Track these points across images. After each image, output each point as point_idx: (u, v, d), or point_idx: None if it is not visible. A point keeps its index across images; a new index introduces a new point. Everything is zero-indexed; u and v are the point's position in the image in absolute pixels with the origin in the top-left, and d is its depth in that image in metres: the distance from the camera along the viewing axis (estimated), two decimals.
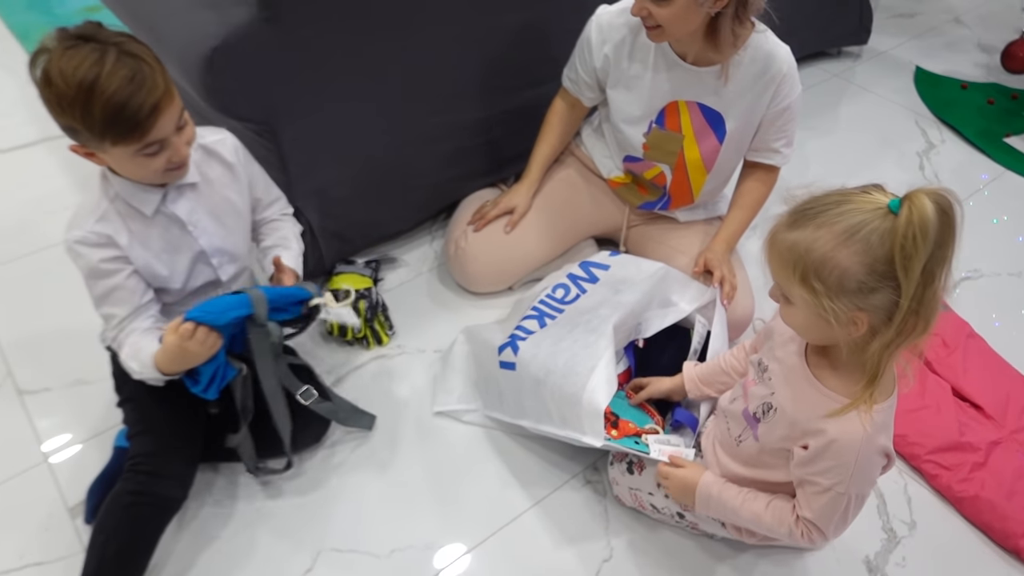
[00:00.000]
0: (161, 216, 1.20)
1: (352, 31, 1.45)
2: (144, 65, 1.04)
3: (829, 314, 0.91)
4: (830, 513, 1.04)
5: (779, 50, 1.43)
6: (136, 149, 1.07)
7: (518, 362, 1.38)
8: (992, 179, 2.20)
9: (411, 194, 1.77)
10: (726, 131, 1.49)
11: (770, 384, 1.11)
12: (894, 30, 2.84)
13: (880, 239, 0.87)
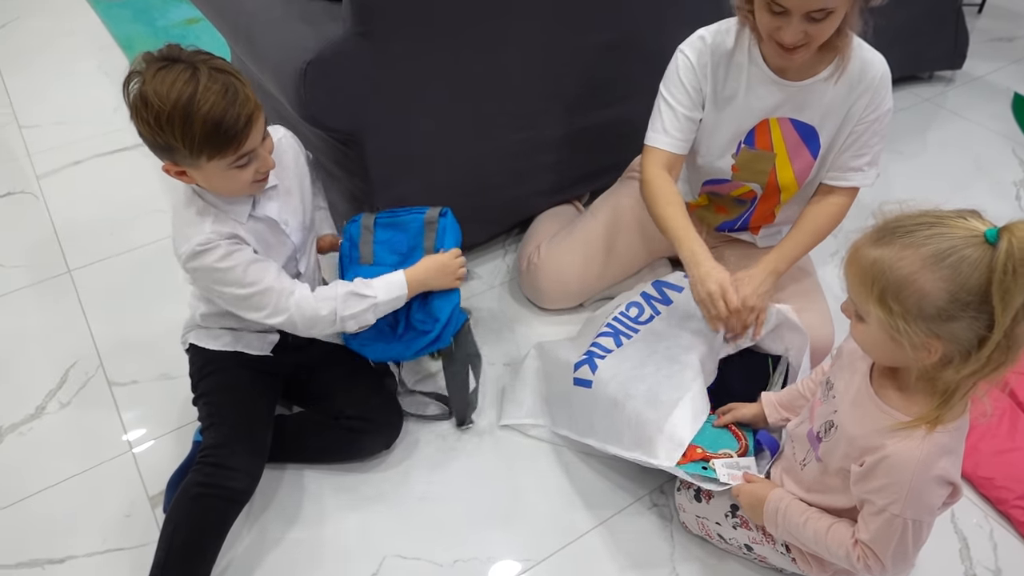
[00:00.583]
0: (253, 220, 1.25)
1: (441, 48, 1.48)
2: (234, 80, 1.09)
3: (903, 336, 0.89)
4: (885, 537, 1.00)
5: (875, 57, 1.38)
6: (230, 162, 1.12)
7: (595, 380, 1.37)
8: None
9: (487, 208, 1.79)
10: (820, 145, 1.44)
11: (834, 403, 1.09)
12: (991, 54, 2.73)
13: (971, 268, 0.84)
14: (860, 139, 1.41)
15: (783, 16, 1.22)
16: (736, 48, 1.39)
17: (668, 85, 1.46)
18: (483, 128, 1.66)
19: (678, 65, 1.43)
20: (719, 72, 1.42)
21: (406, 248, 1.47)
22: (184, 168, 1.15)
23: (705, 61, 1.41)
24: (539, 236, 1.81)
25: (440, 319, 1.39)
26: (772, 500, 1.14)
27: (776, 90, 1.40)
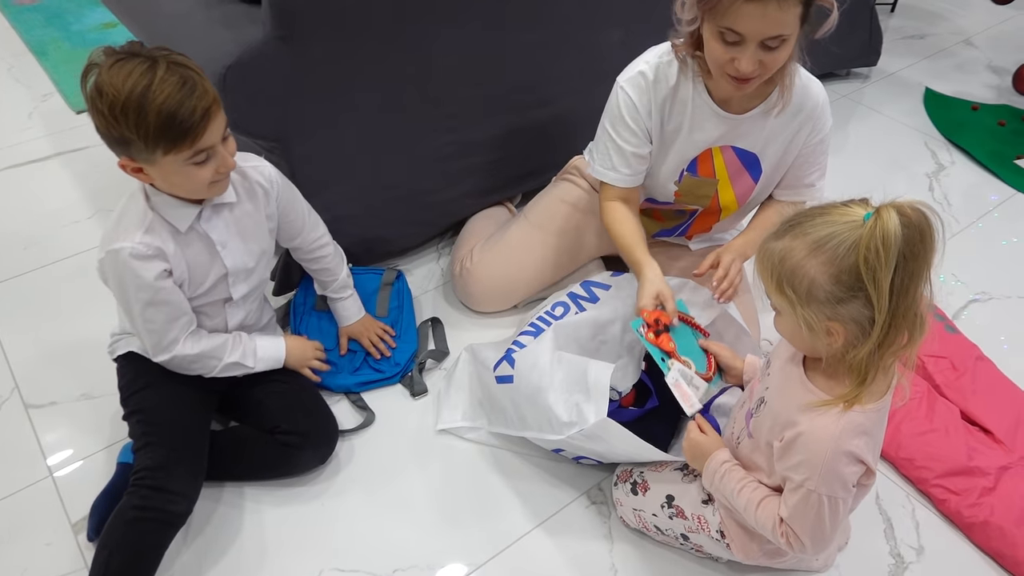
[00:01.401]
0: (193, 233, 1.23)
1: (365, 51, 1.47)
2: (192, 73, 1.08)
3: (802, 322, 0.94)
4: (803, 513, 1.03)
5: (812, 83, 1.39)
6: (187, 157, 1.10)
7: (515, 374, 1.37)
8: (1002, 201, 2.19)
9: (419, 212, 1.78)
10: (762, 171, 1.46)
11: (767, 380, 1.13)
12: (904, 51, 2.85)
13: (846, 251, 0.89)
14: (808, 160, 1.45)
15: (737, 46, 1.19)
16: (680, 83, 1.37)
17: (614, 124, 1.43)
18: (412, 130, 1.64)
19: (620, 104, 1.40)
20: (664, 108, 1.40)
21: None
22: (140, 164, 1.12)
23: (648, 99, 1.39)
24: (472, 239, 1.80)
25: (400, 363, 1.57)
26: (716, 459, 1.16)
27: (719, 122, 1.40)
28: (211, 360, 1.31)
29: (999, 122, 2.46)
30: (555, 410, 1.28)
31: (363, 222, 1.68)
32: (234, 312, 1.36)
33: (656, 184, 1.51)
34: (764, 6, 1.13)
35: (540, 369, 1.33)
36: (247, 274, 1.33)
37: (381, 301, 1.68)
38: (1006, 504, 1.38)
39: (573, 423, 1.26)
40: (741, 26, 1.17)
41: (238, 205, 1.28)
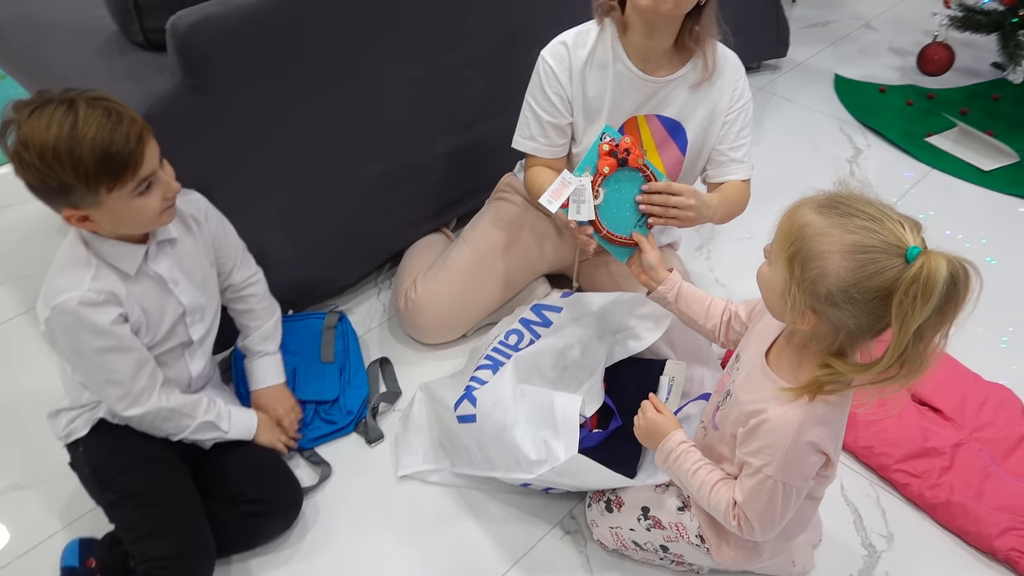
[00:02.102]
0: (142, 276, 1.18)
1: (284, 90, 1.41)
2: (115, 104, 1.04)
3: (789, 297, 0.95)
4: (756, 498, 1.05)
5: (727, 52, 1.44)
6: (132, 189, 1.06)
7: (478, 412, 1.34)
8: (919, 178, 2.26)
9: (356, 247, 1.72)
10: (687, 140, 1.47)
11: (735, 374, 1.14)
12: (809, 40, 2.92)
13: (875, 273, 0.88)
14: (732, 130, 1.46)
15: None
16: (598, 47, 1.41)
17: (533, 93, 1.47)
18: (342, 164, 1.59)
19: (540, 73, 1.44)
20: (584, 74, 1.43)
21: (300, 348, 1.57)
22: (86, 210, 1.07)
23: (567, 66, 1.42)
24: (413, 270, 1.75)
25: (353, 411, 1.52)
26: (672, 439, 1.16)
27: (641, 85, 1.42)
28: (184, 418, 1.25)
29: (907, 102, 2.55)
30: (523, 448, 1.25)
31: (298, 265, 1.62)
32: (195, 359, 1.30)
33: None
34: None
35: (503, 406, 1.29)
36: (202, 312, 1.28)
37: (326, 345, 1.61)
38: (964, 481, 1.41)
39: (543, 461, 1.23)
40: None
41: (179, 241, 1.23)
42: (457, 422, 1.36)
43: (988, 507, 1.38)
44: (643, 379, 1.47)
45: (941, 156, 2.33)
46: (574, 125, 1.49)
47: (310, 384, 1.55)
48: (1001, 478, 1.42)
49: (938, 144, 2.37)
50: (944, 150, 2.35)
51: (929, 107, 2.53)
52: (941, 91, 2.60)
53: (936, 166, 2.30)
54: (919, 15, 3.07)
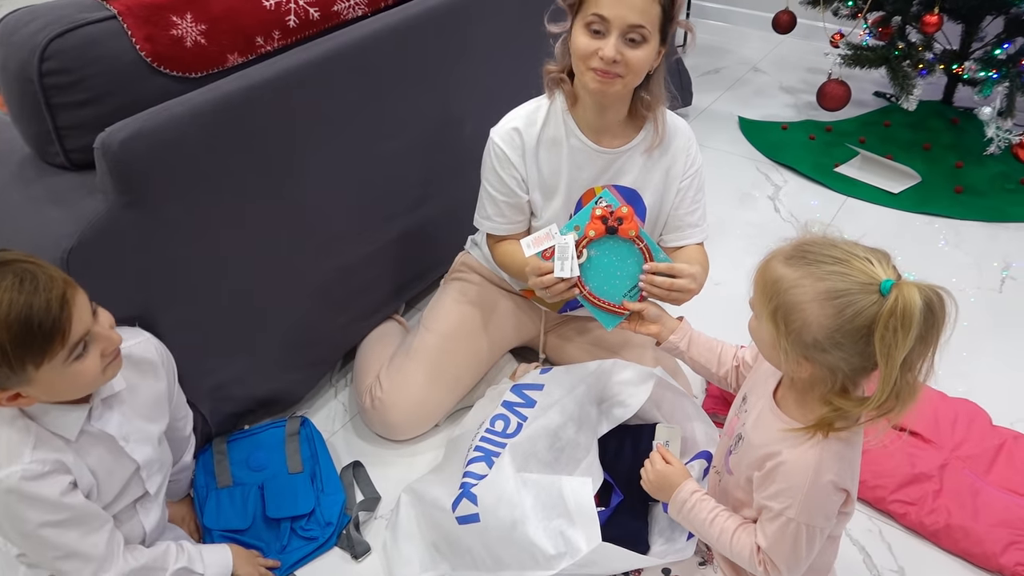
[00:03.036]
0: (87, 437, 1.04)
1: (226, 200, 1.32)
2: (25, 265, 0.90)
3: (781, 349, 0.96)
4: (780, 541, 1.03)
5: (679, 121, 1.46)
6: (64, 358, 0.92)
7: (481, 510, 1.26)
8: (839, 207, 2.37)
9: (310, 352, 1.62)
10: (645, 207, 1.47)
11: (744, 416, 1.12)
12: (707, 87, 3.05)
13: (854, 314, 0.90)
14: (687, 195, 1.47)
15: (602, 37, 1.25)
16: (550, 123, 1.40)
17: (487, 176, 1.46)
18: (290, 269, 1.50)
19: (492, 156, 1.43)
20: (538, 154, 1.42)
21: (264, 464, 1.48)
22: (15, 389, 0.93)
23: (519, 147, 1.41)
24: (373, 365, 1.66)
25: (332, 521, 1.39)
26: (685, 488, 1.14)
27: (596, 158, 1.42)
28: (156, 572, 1.12)
29: (809, 136, 2.69)
30: (538, 543, 1.18)
31: (252, 380, 1.50)
32: (149, 512, 1.17)
33: None
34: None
35: (509, 500, 1.22)
36: (160, 463, 1.16)
37: (291, 454, 1.50)
38: (957, 502, 1.44)
39: (562, 554, 1.16)
40: (606, 9, 1.23)
41: (129, 392, 1.10)
42: (457, 524, 1.28)
43: (986, 525, 1.40)
44: (636, 447, 1.43)
45: (852, 184, 2.45)
46: (532, 202, 1.47)
47: (282, 500, 1.42)
48: (990, 493, 1.46)
49: (847, 173, 2.50)
50: (853, 178, 2.47)
51: (830, 139, 2.68)
52: (837, 123, 2.76)
53: (849, 193, 2.42)
54: (799, 55, 3.28)
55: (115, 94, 1.21)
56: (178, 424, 1.30)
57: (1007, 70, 2.25)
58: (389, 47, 1.51)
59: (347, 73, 1.45)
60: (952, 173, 2.46)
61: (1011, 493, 1.46)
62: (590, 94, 1.33)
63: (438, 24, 1.60)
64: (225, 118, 1.26)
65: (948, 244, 2.20)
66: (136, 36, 1.20)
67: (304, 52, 1.37)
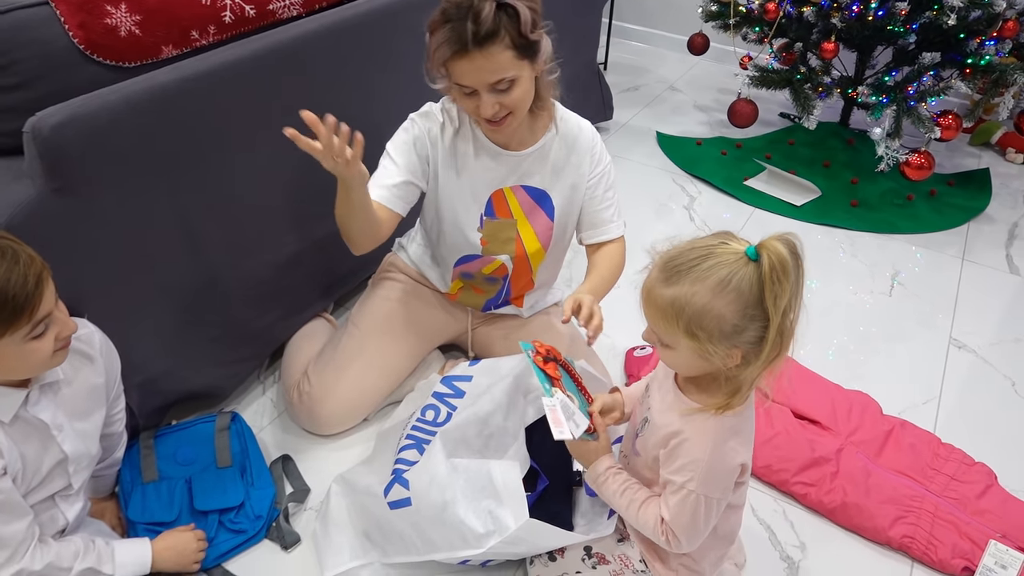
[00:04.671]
0: (20, 422, 1.04)
1: (155, 189, 1.32)
2: (6, 240, 0.95)
3: (711, 355, 1.02)
4: (680, 513, 1.11)
5: (582, 122, 1.53)
6: (25, 333, 0.96)
7: (412, 494, 1.29)
8: (748, 217, 2.52)
9: (240, 347, 1.62)
10: (554, 206, 1.53)
11: (648, 401, 1.20)
12: (627, 103, 3.19)
13: (749, 286, 0.98)
14: (597, 193, 1.54)
15: (474, 96, 1.32)
16: (463, 126, 1.46)
17: (395, 145, 1.47)
18: (219, 262, 1.51)
19: (406, 129, 1.47)
20: (450, 143, 1.47)
21: (192, 458, 1.47)
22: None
23: (435, 133, 1.46)
24: (301, 361, 1.68)
25: (262, 514, 1.40)
26: (601, 463, 1.20)
27: (504, 159, 1.48)
28: (57, 572, 1.09)
29: (721, 152, 2.85)
30: (468, 523, 1.22)
31: (181, 374, 1.50)
32: (69, 505, 1.15)
33: (461, 235, 1.54)
34: (471, 59, 1.27)
35: (439, 483, 1.26)
36: (89, 459, 1.15)
37: (221, 450, 1.49)
38: (852, 482, 1.56)
39: (491, 532, 1.21)
40: (465, 80, 1.30)
41: (66, 383, 1.10)
42: (389, 509, 1.31)
43: (876, 503, 1.53)
44: None
45: (759, 196, 2.62)
46: (439, 196, 1.51)
47: (210, 493, 1.42)
48: (880, 474, 1.59)
49: (755, 186, 2.66)
50: (761, 191, 2.64)
51: (740, 155, 2.84)
52: (747, 140, 2.93)
53: (757, 205, 2.58)
54: (712, 76, 3.47)
55: (45, 80, 1.21)
56: (112, 420, 1.29)
57: (895, 95, 2.45)
58: (322, 48, 1.54)
59: (281, 71, 1.47)
60: (848, 188, 2.65)
61: (898, 474, 1.59)
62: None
63: (370, 28, 1.65)
64: (158, 108, 1.27)
65: (845, 254, 2.37)
66: (69, 23, 1.20)
67: (239, 48, 1.39)
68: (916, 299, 2.18)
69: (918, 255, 2.38)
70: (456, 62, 1.28)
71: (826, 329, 2.04)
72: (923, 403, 1.82)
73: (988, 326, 2.09)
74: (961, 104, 2.79)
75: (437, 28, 1.28)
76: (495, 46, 1.26)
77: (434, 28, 1.29)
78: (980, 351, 2.00)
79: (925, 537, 1.47)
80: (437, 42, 1.28)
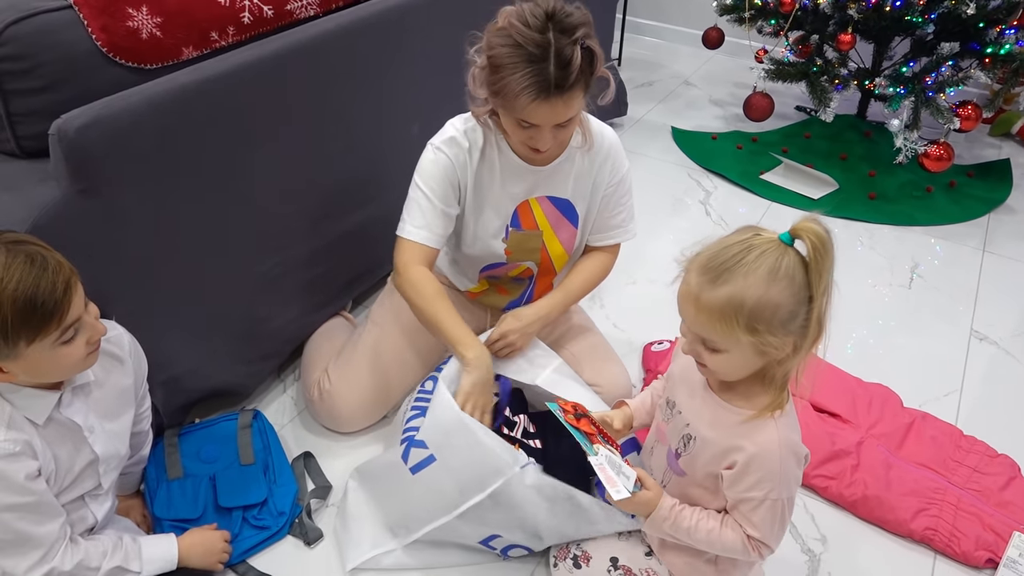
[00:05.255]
0: (53, 424, 1.06)
1: (173, 189, 1.34)
2: (37, 247, 0.95)
3: (770, 347, 1.00)
4: (769, 523, 1.10)
5: (604, 129, 1.51)
6: (54, 339, 0.96)
7: (432, 449, 1.29)
8: (764, 211, 2.51)
9: (261, 345, 1.64)
10: (578, 215, 1.54)
11: (681, 418, 1.17)
12: (641, 99, 3.19)
13: (795, 269, 0.97)
14: (612, 200, 1.54)
15: (533, 128, 1.29)
16: (486, 143, 1.44)
17: (426, 179, 1.43)
18: (240, 261, 1.53)
19: (435, 161, 1.43)
20: (478, 167, 1.45)
21: (216, 456, 1.49)
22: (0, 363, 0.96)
23: (463, 159, 1.43)
24: (321, 358, 1.69)
25: (285, 511, 1.41)
26: (664, 505, 1.16)
27: (528, 175, 1.47)
28: (86, 572, 1.10)
29: (737, 146, 2.84)
30: (496, 450, 1.24)
31: (205, 372, 1.51)
32: (99, 504, 1.17)
33: (486, 246, 1.53)
34: (551, 104, 1.23)
35: (453, 427, 1.27)
36: (118, 459, 1.17)
37: (243, 447, 1.51)
38: (873, 475, 1.55)
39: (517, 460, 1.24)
40: (535, 119, 1.27)
41: (97, 384, 1.12)
42: (412, 475, 1.31)
43: (898, 495, 1.52)
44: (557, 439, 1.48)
45: (776, 190, 2.60)
46: (464, 216, 1.50)
47: (233, 490, 1.44)
48: (901, 467, 1.58)
49: (771, 180, 2.65)
50: (777, 184, 2.63)
51: (756, 149, 2.83)
52: (762, 134, 2.92)
53: (773, 199, 2.57)
54: (727, 71, 3.46)
55: (69, 83, 1.23)
56: (140, 419, 1.31)
57: (913, 86, 2.44)
58: (340, 47, 1.56)
59: (299, 70, 1.49)
60: (866, 181, 2.64)
61: (920, 466, 1.58)
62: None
63: (389, 27, 1.66)
64: (180, 109, 1.29)
65: (864, 247, 2.36)
66: (92, 26, 1.22)
67: (258, 48, 1.41)
68: (936, 291, 2.16)
69: (937, 247, 2.36)
70: (532, 105, 1.22)
71: (845, 323, 2.03)
72: (944, 395, 1.81)
73: (1010, 317, 2.07)
74: (980, 94, 2.76)
75: (513, 67, 1.21)
76: (577, 90, 1.24)
77: (508, 65, 1.22)
78: (1002, 343, 1.98)
79: (948, 529, 1.47)
80: (516, 84, 1.21)
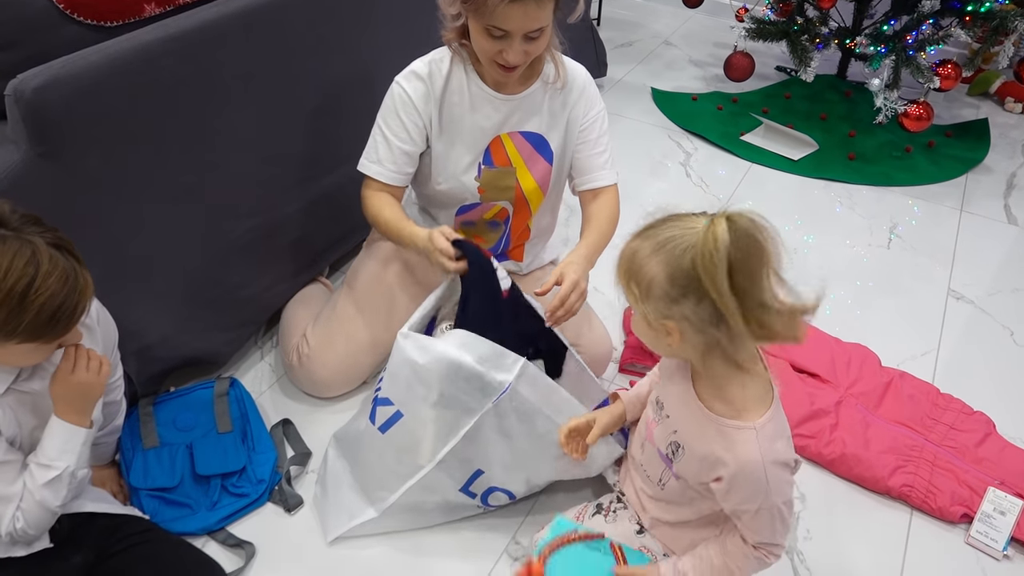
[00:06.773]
0: (15, 393, 1.06)
1: (143, 152, 1.30)
2: (74, 262, 0.97)
3: (643, 318, 1.00)
4: (770, 525, 1.08)
5: (575, 65, 1.50)
6: (39, 344, 0.98)
7: (398, 406, 1.29)
8: (744, 173, 2.50)
9: (235, 312, 1.61)
10: (552, 151, 1.52)
11: (669, 422, 1.14)
12: (621, 59, 3.14)
13: (680, 252, 0.94)
14: (590, 137, 1.52)
15: (504, 39, 1.29)
16: (453, 75, 1.43)
17: (386, 117, 1.44)
18: (211, 225, 1.49)
19: (395, 98, 1.43)
20: (441, 99, 1.44)
21: (192, 424, 1.47)
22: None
23: (423, 91, 1.42)
24: (299, 324, 1.67)
25: (264, 478, 1.41)
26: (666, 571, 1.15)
27: (500, 105, 1.45)
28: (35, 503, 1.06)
29: (717, 107, 2.81)
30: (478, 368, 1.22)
31: (178, 340, 1.48)
32: None
33: (458, 182, 1.51)
34: (524, 6, 1.24)
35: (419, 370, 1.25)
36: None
37: (220, 415, 1.49)
38: (851, 434, 1.57)
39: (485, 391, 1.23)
40: (506, 24, 1.26)
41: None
42: (381, 434, 1.31)
43: (876, 453, 1.53)
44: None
45: (756, 151, 2.59)
46: (432, 151, 1.48)
47: (211, 458, 1.43)
48: (879, 425, 1.59)
49: (752, 141, 2.63)
50: (758, 145, 2.61)
51: (736, 110, 2.81)
52: (743, 95, 2.89)
53: (754, 160, 2.55)
54: (707, 30, 3.41)
55: (25, 42, 1.18)
56: (111, 389, 1.28)
57: (894, 45, 2.42)
58: (308, 5, 1.51)
59: (266, 29, 1.44)
60: (846, 141, 2.63)
61: (897, 424, 1.60)
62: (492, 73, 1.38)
63: None
64: (143, 68, 1.24)
65: (843, 207, 2.36)
66: None
67: (224, 4, 1.36)
68: (914, 251, 2.17)
69: (915, 208, 2.36)
70: (503, 5, 1.23)
71: (825, 283, 2.03)
72: (922, 354, 1.83)
73: (986, 277, 2.08)
74: (960, 53, 2.75)
75: None
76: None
77: None
78: (978, 302, 2.00)
79: (924, 485, 1.49)
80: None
